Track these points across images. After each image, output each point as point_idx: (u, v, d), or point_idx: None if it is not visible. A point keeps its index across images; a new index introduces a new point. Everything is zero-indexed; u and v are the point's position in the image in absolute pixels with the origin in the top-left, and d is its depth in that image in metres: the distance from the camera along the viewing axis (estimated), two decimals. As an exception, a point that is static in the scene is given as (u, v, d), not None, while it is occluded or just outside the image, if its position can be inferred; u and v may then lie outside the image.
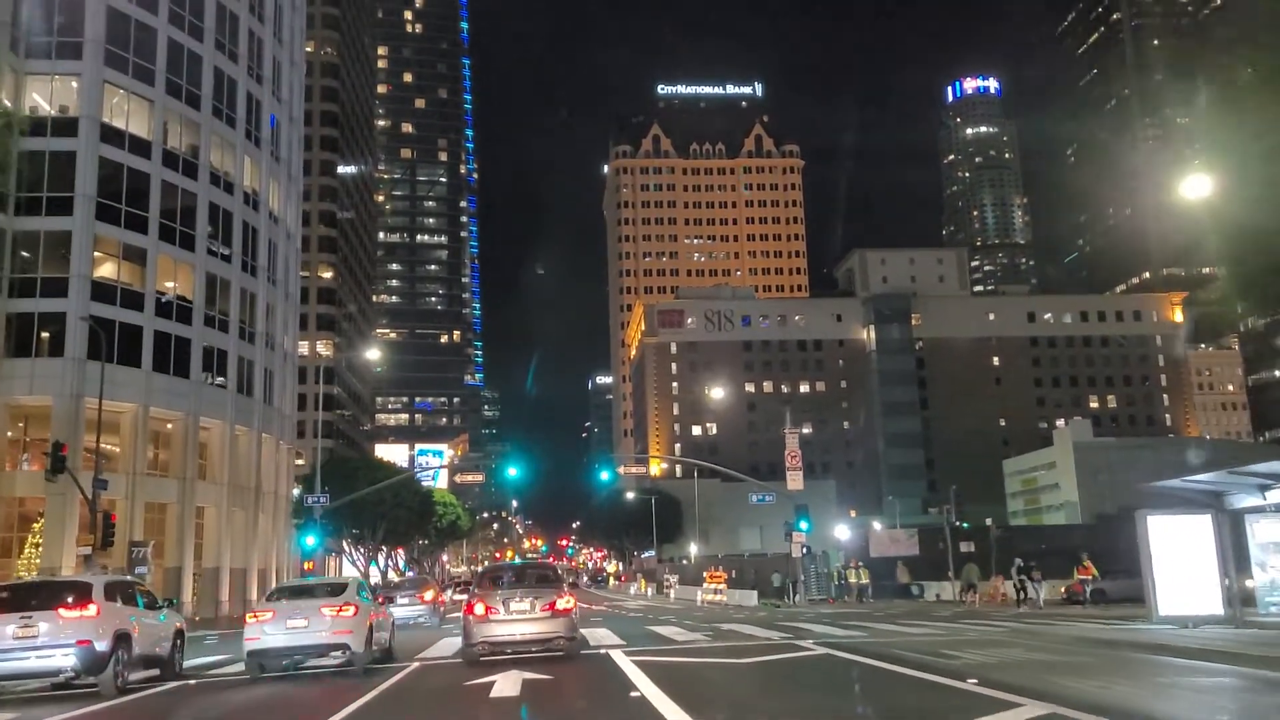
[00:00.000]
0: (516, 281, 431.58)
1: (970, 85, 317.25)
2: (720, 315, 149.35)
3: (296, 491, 65.63)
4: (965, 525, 48.04)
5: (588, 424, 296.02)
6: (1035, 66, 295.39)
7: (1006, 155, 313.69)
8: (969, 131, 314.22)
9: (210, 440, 57.73)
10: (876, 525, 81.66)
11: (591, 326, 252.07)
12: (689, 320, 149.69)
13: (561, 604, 18.13)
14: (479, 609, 17.91)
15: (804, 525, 49.66)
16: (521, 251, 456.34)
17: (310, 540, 49.00)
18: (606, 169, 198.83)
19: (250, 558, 60.05)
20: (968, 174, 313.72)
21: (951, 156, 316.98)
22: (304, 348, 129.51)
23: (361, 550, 61.24)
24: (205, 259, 56.25)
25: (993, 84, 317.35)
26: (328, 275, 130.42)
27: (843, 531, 53.04)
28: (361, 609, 18.22)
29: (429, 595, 37.90)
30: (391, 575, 77.97)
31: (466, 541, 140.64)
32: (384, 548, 67.56)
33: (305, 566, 49.82)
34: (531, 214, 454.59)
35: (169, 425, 54.93)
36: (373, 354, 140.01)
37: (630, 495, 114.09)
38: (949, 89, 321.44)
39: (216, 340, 57.04)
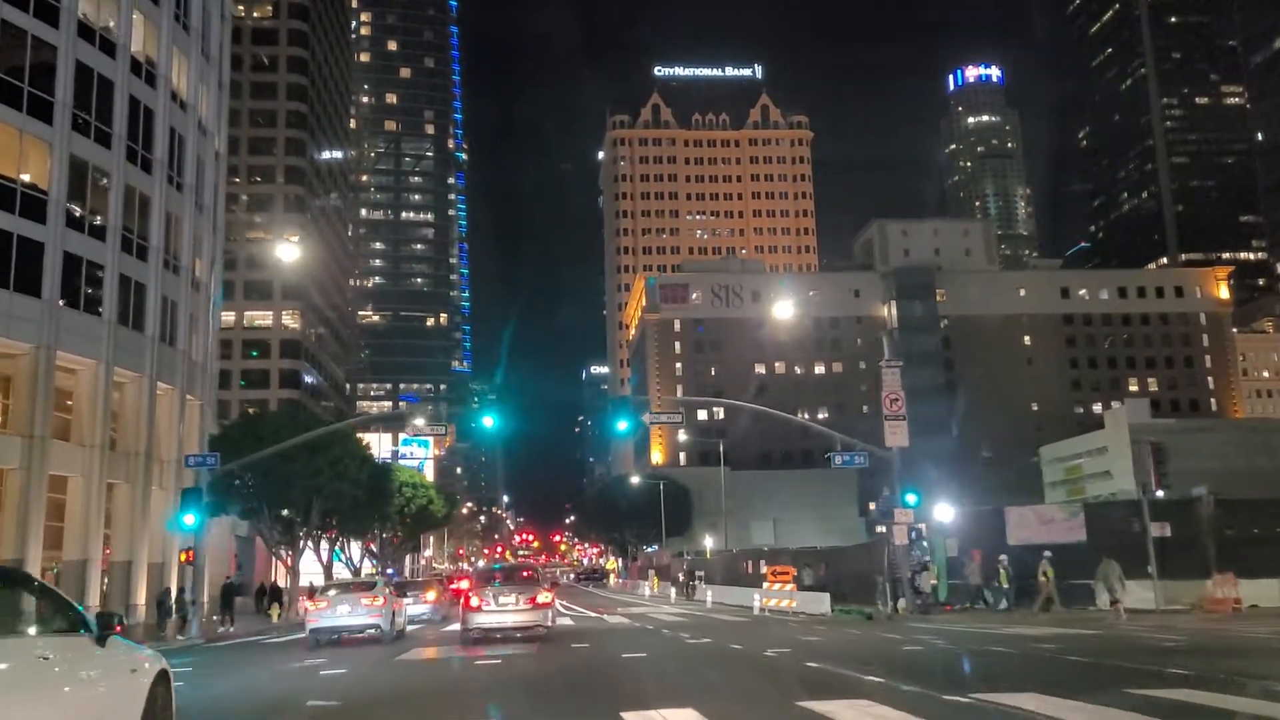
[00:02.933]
0: (508, 265, 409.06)
1: (972, 73, 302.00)
2: (728, 290, 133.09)
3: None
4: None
5: (580, 418, 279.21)
6: (1045, 47, 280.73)
7: (1009, 145, 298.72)
8: (971, 120, 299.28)
9: (77, 387, 41.04)
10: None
11: (587, 313, 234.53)
12: (694, 295, 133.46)
13: (541, 599, 21.70)
14: (474, 602, 21.68)
15: (912, 499, 33.32)
16: (513, 232, 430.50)
17: (190, 519, 32.48)
18: (602, 152, 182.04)
19: (138, 548, 43.32)
20: (969, 164, 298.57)
21: (953, 146, 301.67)
22: (268, 318, 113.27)
23: (285, 543, 44.34)
24: (68, 136, 39.49)
25: (995, 72, 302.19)
26: (295, 239, 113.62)
27: (944, 511, 36.01)
28: (388, 600, 24.94)
29: (431, 595, 39.57)
30: (340, 574, 61.38)
31: (450, 536, 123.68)
32: (326, 535, 50.72)
33: (182, 557, 33.11)
34: (524, 193, 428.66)
35: (15, 359, 38.27)
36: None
37: (635, 480, 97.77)
38: (950, 78, 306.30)
39: (86, 249, 40.31)
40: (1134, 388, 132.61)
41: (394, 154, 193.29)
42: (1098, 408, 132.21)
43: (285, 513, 44.25)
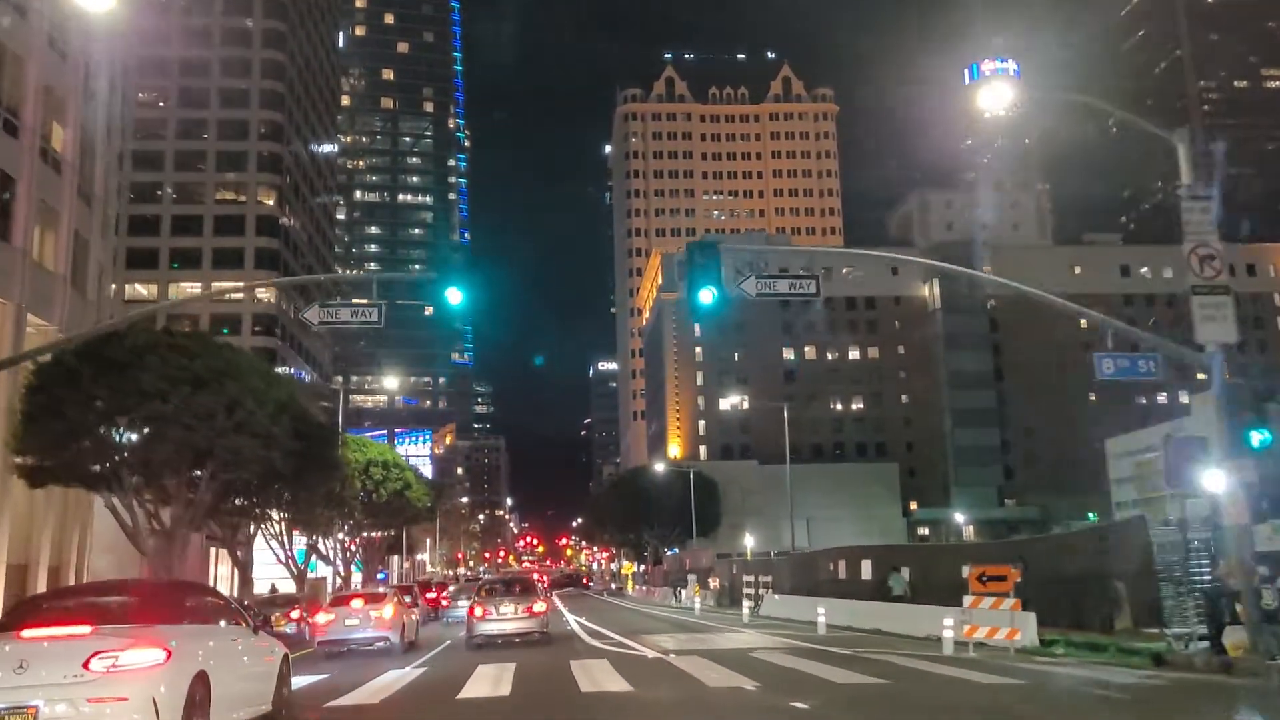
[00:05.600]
0: (512, 253, 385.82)
1: (988, 67, 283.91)
2: (752, 267, 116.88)
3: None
4: None
5: (587, 420, 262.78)
6: (1072, 32, 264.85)
7: (1025, 140, 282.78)
8: (987, 115, 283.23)
9: None
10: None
11: (596, 305, 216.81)
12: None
13: (536, 608, 23.26)
14: (478, 612, 23.17)
15: (1263, 436, 17.46)
16: (518, 217, 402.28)
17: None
18: (613, 128, 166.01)
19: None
20: (986, 159, 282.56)
21: (968, 141, 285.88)
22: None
23: (151, 516, 28.07)
24: None
25: (1011, 66, 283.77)
26: (269, 201, 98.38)
27: (1213, 479, 18.54)
28: (399, 611, 23.43)
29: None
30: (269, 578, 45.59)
31: (444, 536, 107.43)
32: (244, 524, 34.72)
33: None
34: (530, 175, 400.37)
35: None
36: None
37: (660, 467, 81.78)
38: (965, 72, 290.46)
39: None
40: (1202, 375, 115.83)
41: (390, 133, 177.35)
42: (1162, 397, 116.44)
43: (164, 481, 28.06)
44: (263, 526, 39.30)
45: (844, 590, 35.67)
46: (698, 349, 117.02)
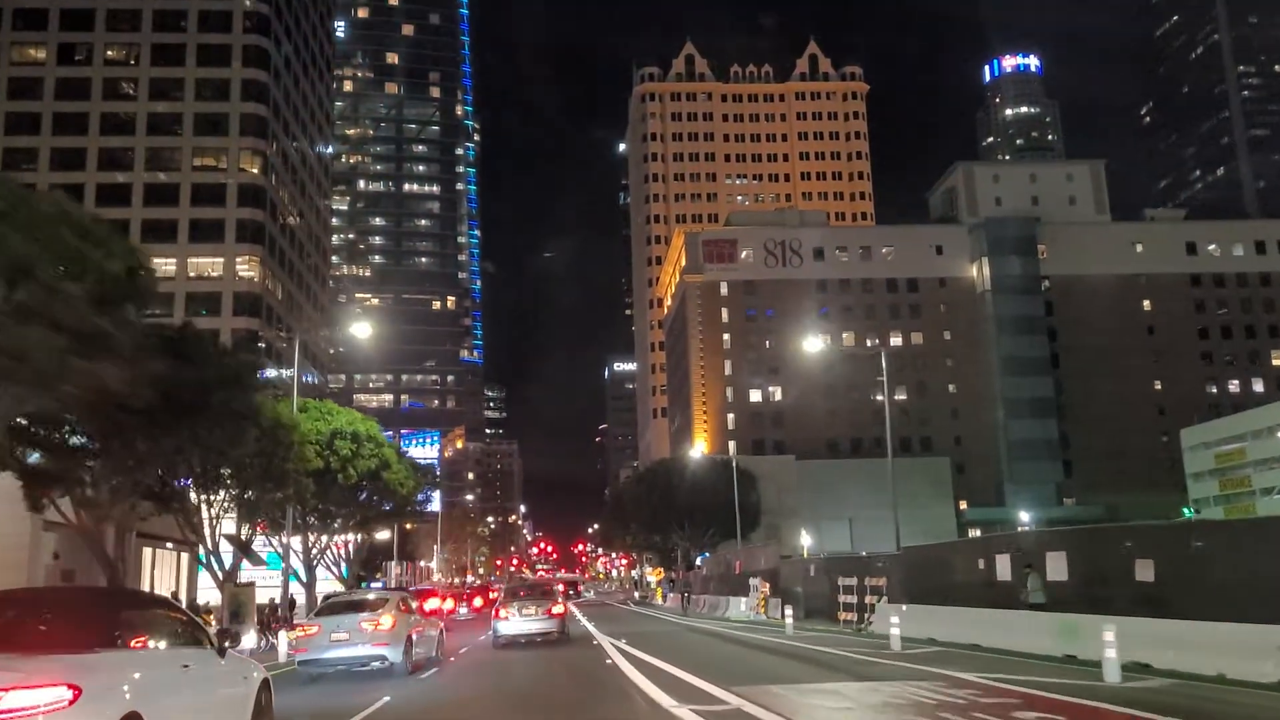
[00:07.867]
0: (523, 244, 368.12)
1: (1009, 63, 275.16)
2: (785, 246, 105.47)
3: None
4: None
5: (602, 426, 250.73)
6: (1102, 18, 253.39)
7: (1050, 137, 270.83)
8: (1009, 112, 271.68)
9: None
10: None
11: (613, 301, 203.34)
12: (744, 253, 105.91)
13: (555, 610, 24.92)
14: (502, 614, 24.86)
15: None
16: (530, 207, 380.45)
17: None
18: (630, 109, 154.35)
19: None
20: (1008, 157, 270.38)
21: (990, 139, 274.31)
22: (219, 265, 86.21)
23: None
24: None
25: (1033, 61, 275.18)
26: (254, 169, 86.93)
27: None
28: (399, 621, 18.51)
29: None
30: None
31: (449, 541, 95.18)
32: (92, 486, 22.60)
33: None
34: (543, 163, 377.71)
35: None
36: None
37: (696, 455, 69.54)
38: (986, 68, 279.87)
39: None
40: (1277, 361, 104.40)
41: (395, 120, 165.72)
42: (1234, 385, 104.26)
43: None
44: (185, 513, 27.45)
45: (1000, 598, 23.81)
46: (725, 336, 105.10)
